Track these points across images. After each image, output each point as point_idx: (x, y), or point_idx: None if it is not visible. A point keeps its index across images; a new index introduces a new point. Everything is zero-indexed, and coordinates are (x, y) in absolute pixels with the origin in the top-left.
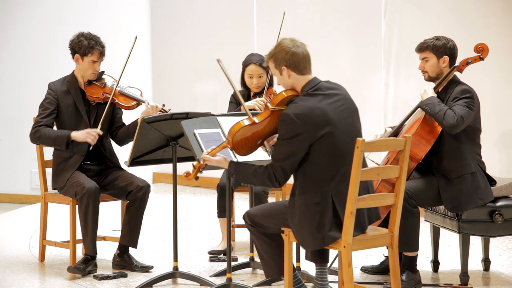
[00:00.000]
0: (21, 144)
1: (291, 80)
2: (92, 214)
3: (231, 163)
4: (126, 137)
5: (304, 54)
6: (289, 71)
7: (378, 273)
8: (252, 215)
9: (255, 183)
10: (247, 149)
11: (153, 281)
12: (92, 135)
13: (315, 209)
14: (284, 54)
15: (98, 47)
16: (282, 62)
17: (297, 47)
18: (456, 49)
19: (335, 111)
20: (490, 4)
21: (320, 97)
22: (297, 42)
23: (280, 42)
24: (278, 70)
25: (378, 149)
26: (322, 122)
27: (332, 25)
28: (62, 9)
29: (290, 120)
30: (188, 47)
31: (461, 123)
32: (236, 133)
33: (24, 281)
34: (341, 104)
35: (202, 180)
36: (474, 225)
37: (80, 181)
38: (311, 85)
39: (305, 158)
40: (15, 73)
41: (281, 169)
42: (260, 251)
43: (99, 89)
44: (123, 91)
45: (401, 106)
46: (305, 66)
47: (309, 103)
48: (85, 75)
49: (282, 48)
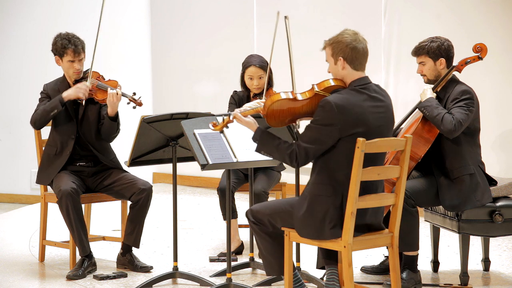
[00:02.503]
0: (21, 144)
1: (344, 72)
2: (74, 216)
3: (259, 129)
4: (104, 132)
5: (364, 50)
6: (345, 63)
7: (378, 273)
8: (256, 212)
9: (275, 156)
10: (277, 122)
11: (153, 281)
12: (82, 88)
13: (324, 200)
14: (345, 46)
15: (70, 46)
16: (340, 53)
17: (359, 42)
18: (452, 48)
19: (374, 116)
20: (490, 4)
21: (365, 97)
22: (360, 36)
23: (343, 32)
24: (334, 58)
25: (379, 149)
26: (358, 120)
27: (332, 25)
28: (61, 9)
29: (329, 108)
30: (188, 47)
31: (459, 128)
32: (274, 102)
33: (24, 281)
34: (382, 111)
35: (202, 180)
36: (474, 225)
37: (58, 184)
38: (361, 82)
39: (329, 150)
40: (15, 73)
41: (305, 151)
42: (261, 249)
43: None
44: (99, 83)
45: (401, 106)
46: (361, 63)
47: (353, 99)
48: (68, 75)
49: (344, 39)
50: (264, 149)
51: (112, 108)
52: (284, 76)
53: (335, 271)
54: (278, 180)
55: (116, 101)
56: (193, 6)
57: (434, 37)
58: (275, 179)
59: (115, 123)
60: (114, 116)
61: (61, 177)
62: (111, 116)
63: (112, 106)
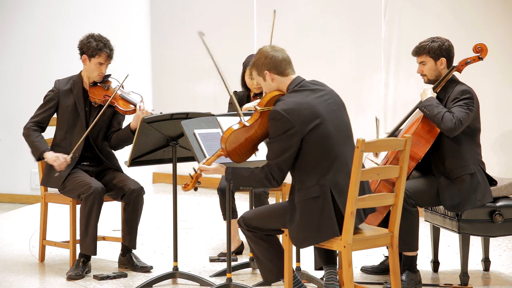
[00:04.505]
0: (21, 144)
1: (275, 83)
2: (95, 215)
3: (228, 169)
4: (117, 142)
5: (284, 56)
6: (272, 74)
7: (378, 273)
8: (249, 219)
9: (254, 185)
10: (241, 155)
11: (153, 281)
12: (60, 160)
13: (316, 203)
14: (264, 59)
15: (106, 50)
16: (263, 67)
17: (275, 51)
18: (453, 48)
19: (322, 104)
20: (490, 4)
21: (307, 93)
22: (276, 47)
23: (259, 49)
24: (262, 76)
25: (378, 149)
26: (311, 115)
27: (332, 24)
28: (61, 9)
29: (279, 116)
30: (188, 47)
31: (460, 126)
32: (228, 138)
33: (24, 281)
34: (328, 98)
35: (202, 180)
36: (474, 225)
37: (85, 181)
38: (296, 82)
39: (298, 153)
40: (15, 73)
41: (277, 167)
42: (257, 255)
43: (102, 91)
44: (124, 95)
45: (401, 106)
46: (286, 67)
47: (297, 99)
48: (91, 76)
49: (262, 54)
50: (241, 184)
51: (137, 122)
52: None
53: (334, 271)
54: None
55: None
56: (193, 6)
57: (435, 37)
58: None
59: (133, 136)
60: (134, 130)
61: (82, 174)
62: (132, 129)
63: (138, 121)
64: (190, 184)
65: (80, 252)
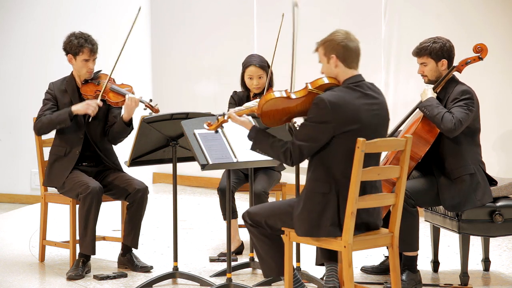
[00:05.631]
0: (21, 144)
1: (337, 70)
2: (94, 214)
3: (254, 127)
4: (113, 135)
5: (356, 49)
6: (338, 61)
7: (378, 273)
8: (253, 214)
9: (270, 154)
10: (272, 121)
11: (153, 281)
12: (92, 106)
13: (320, 198)
14: (337, 44)
15: (88, 45)
16: (332, 51)
17: (350, 41)
18: (453, 49)
19: (367, 112)
20: (490, 4)
21: (359, 94)
22: (351, 35)
23: (335, 31)
24: (327, 57)
25: (379, 149)
26: (352, 118)
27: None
28: (61, 9)
29: (323, 105)
30: (188, 47)
31: (459, 127)
32: (268, 101)
33: (24, 281)
34: (376, 109)
35: (202, 180)
36: (474, 225)
37: (84, 181)
38: (354, 80)
39: (324, 147)
40: (14, 73)
41: (299, 149)
42: (259, 251)
43: (93, 87)
44: (114, 87)
45: (401, 106)
46: (354, 60)
47: (347, 96)
48: (81, 74)
49: (336, 37)
50: (259, 147)
51: (128, 113)
52: (284, 75)
53: (335, 268)
54: (278, 180)
55: (134, 106)
56: (193, 6)
57: (436, 38)
58: (275, 179)
59: (129, 128)
60: (128, 121)
61: (80, 175)
62: (126, 121)
63: (129, 111)
64: (214, 125)
65: (79, 252)
